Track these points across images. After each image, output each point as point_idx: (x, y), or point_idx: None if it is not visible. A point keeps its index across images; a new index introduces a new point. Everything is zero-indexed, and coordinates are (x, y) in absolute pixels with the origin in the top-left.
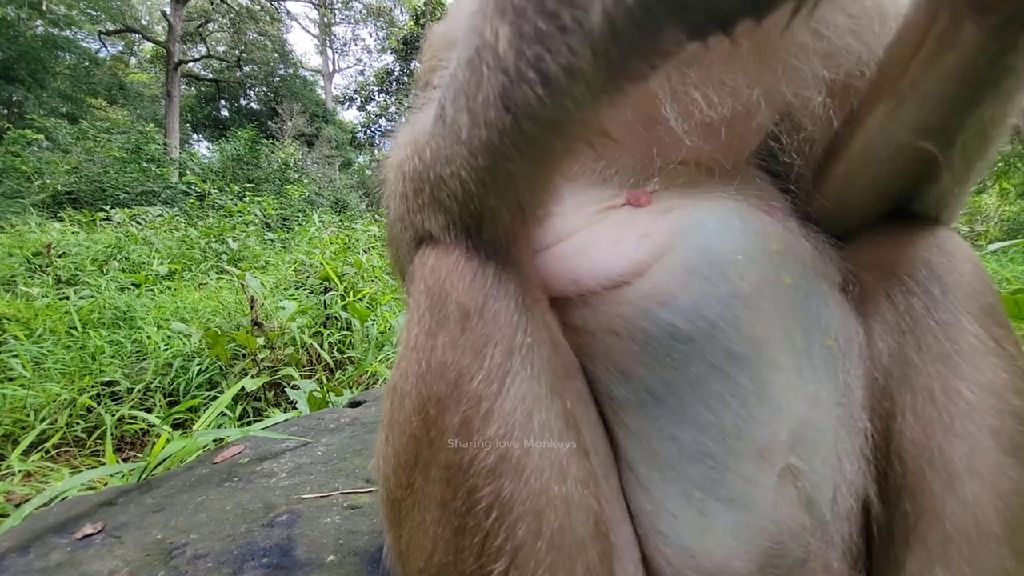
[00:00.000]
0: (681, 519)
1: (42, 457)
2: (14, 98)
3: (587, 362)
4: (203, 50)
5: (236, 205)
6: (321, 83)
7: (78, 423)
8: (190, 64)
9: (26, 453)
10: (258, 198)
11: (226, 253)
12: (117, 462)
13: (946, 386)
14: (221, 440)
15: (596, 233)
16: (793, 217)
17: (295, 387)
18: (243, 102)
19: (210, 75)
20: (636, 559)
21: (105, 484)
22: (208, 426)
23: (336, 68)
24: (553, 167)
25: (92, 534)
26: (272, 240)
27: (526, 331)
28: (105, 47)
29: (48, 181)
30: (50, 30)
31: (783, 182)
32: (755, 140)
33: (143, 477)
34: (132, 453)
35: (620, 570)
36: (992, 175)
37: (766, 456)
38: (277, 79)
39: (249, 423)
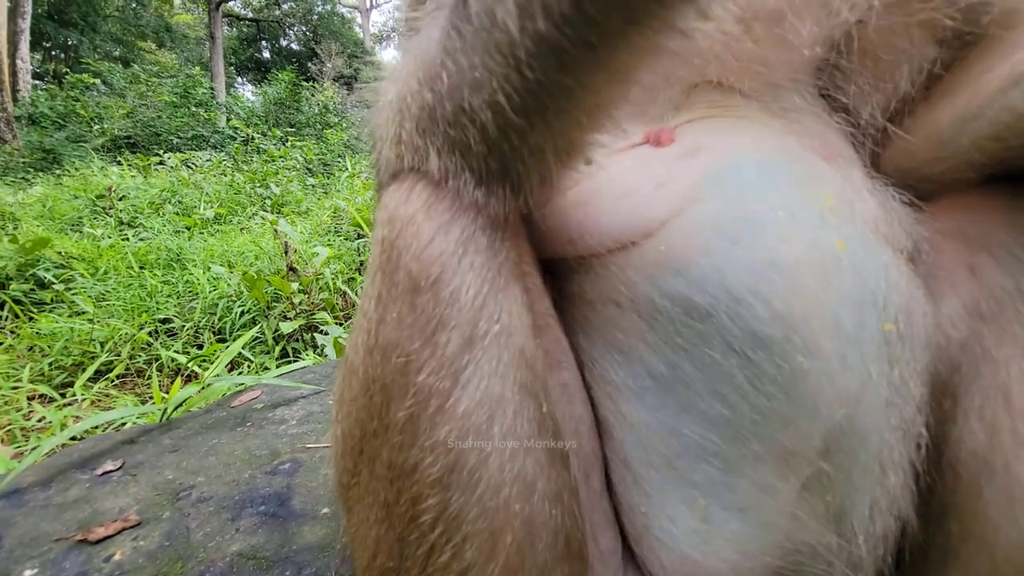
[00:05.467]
0: (680, 525)
1: (107, 386)
2: (69, 42)
3: (581, 338)
4: None
5: (279, 150)
6: (359, 21)
7: (139, 356)
8: (230, 3)
9: (93, 381)
10: (299, 143)
11: (270, 198)
12: (162, 398)
13: None
14: (243, 383)
15: (602, 181)
16: (857, 166)
17: (324, 332)
18: (283, 43)
19: (250, 14)
20: (618, 563)
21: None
22: (231, 371)
23: (373, 3)
24: (634, 71)
25: (111, 471)
26: (313, 185)
27: (494, 317)
28: None
29: (106, 126)
30: None
31: (850, 118)
32: (812, 54)
33: (165, 418)
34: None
35: None
36: None
37: (789, 462)
38: (315, 17)
39: (289, 362)
